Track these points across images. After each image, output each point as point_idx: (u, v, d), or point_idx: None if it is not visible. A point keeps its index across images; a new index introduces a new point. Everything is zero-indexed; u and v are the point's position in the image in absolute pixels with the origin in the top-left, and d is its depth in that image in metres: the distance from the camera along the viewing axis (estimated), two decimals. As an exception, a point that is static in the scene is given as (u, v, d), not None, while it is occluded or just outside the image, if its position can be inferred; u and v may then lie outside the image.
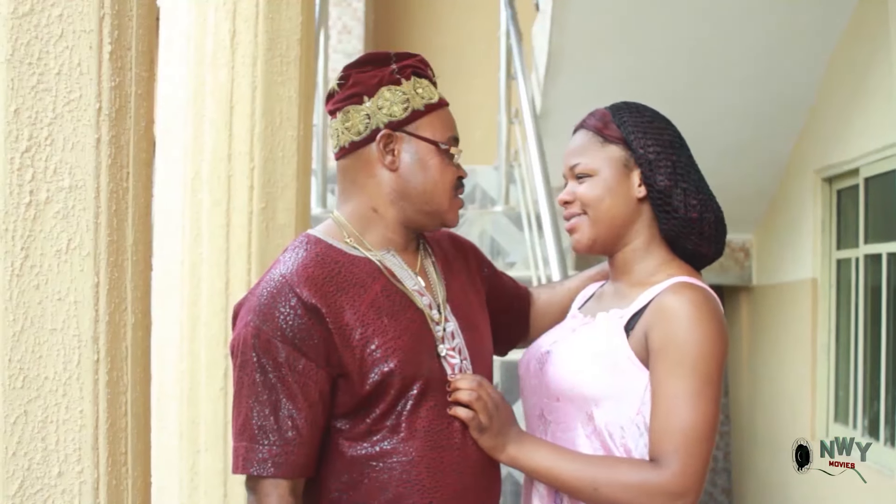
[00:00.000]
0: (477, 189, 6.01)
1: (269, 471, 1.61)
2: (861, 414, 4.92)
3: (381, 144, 1.73)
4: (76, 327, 1.33)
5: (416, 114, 1.75)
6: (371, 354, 1.65)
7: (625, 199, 1.84)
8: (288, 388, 1.62)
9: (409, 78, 1.76)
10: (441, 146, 1.75)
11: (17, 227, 1.29)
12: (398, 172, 1.74)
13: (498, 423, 1.73)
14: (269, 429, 1.62)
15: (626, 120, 1.86)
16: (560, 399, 1.80)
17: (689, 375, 1.68)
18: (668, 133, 1.87)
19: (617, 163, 1.84)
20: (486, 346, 1.87)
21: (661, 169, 1.82)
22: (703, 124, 5.17)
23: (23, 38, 1.29)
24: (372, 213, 1.76)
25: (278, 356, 1.62)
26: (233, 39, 2.61)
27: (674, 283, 1.77)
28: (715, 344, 1.71)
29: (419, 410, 1.68)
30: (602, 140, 1.86)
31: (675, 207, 1.82)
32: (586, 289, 2.05)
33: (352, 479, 1.68)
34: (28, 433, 1.30)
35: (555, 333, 1.92)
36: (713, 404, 1.69)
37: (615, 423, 1.75)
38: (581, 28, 4.95)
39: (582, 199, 1.85)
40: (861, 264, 4.92)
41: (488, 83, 6.52)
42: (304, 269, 1.67)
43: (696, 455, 1.66)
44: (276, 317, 1.63)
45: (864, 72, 4.67)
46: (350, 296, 1.67)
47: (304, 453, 1.64)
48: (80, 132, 1.33)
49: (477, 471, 1.73)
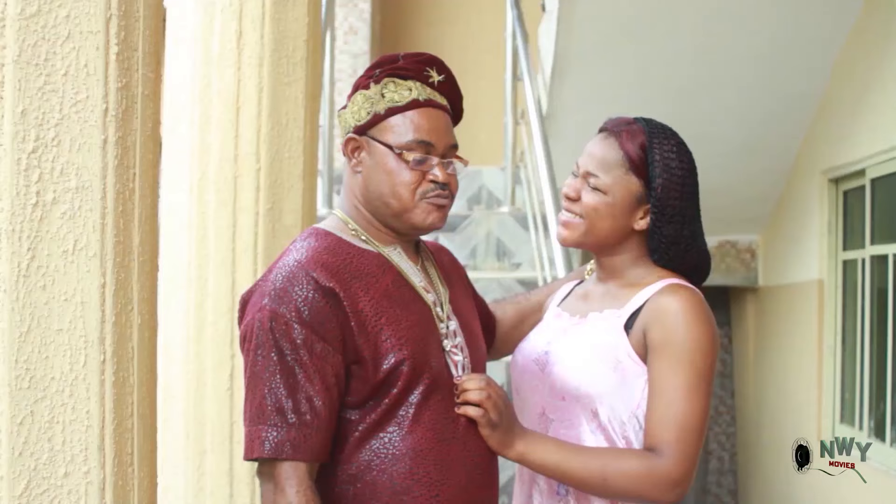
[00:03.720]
0: (483, 190, 6.01)
1: (287, 453, 1.60)
2: (867, 415, 4.91)
3: (347, 148, 1.79)
4: (83, 328, 1.33)
5: (376, 117, 1.76)
6: (385, 342, 1.66)
7: (624, 226, 1.89)
8: (306, 371, 1.62)
9: (379, 81, 1.76)
10: (395, 151, 1.74)
11: (23, 228, 1.29)
12: (362, 175, 1.77)
13: (507, 421, 1.76)
14: (287, 411, 1.61)
15: (658, 160, 1.86)
16: (566, 398, 1.85)
17: (687, 370, 1.77)
18: (692, 182, 1.89)
19: (632, 195, 1.87)
20: (482, 350, 1.91)
21: (674, 219, 1.87)
22: (710, 125, 5.16)
23: (30, 40, 1.29)
24: (356, 211, 1.80)
25: (296, 338, 1.62)
26: (239, 40, 2.61)
27: (669, 284, 1.85)
28: (709, 342, 1.80)
29: (427, 403, 1.70)
30: (628, 168, 1.87)
31: (672, 253, 1.89)
32: (563, 286, 2.10)
33: (359, 471, 1.68)
34: (34, 433, 1.30)
35: (546, 334, 1.96)
36: (707, 398, 1.79)
37: (617, 417, 1.81)
38: (587, 29, 4.95)
39: (585, 207, 1.89)
40: (867, 265, 4.91)
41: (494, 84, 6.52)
42: (318, 256, 1.69)
43: (692, 444, 1.75)
44: (294, 299, 1.63)
45: (870, 72, 4.66)
46: (364, 283, 1.69)
47: (321, 437, 1.63)
48: (86, 133, 1.33)
49: (480, 465, 1.75)
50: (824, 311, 5.36)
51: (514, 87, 5.68)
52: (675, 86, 5.15)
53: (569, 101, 5.37)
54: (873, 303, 4.90)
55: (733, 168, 5.54)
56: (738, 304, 6.90)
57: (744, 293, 6.78)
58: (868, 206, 4.88)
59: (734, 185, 5.72)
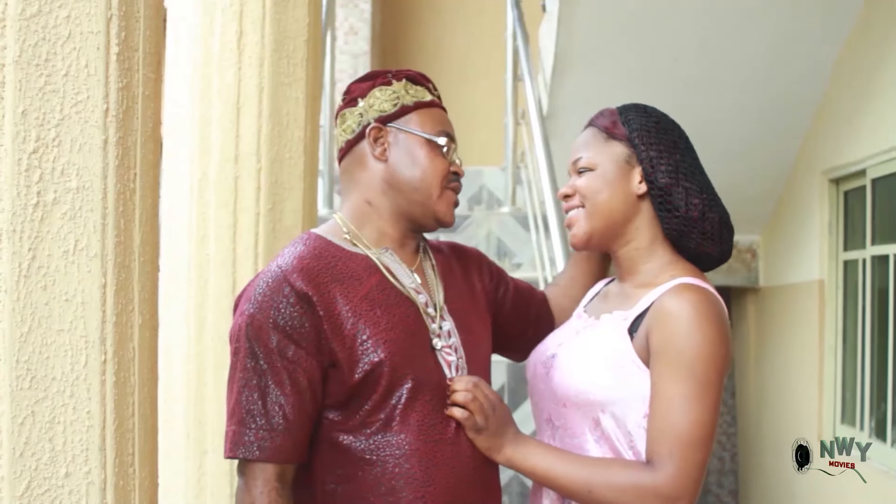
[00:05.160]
0: (484, 190, 6.01)
1: (254, 454, 1.64)
2: (868, 415, 4.90)
3: (370, 136, 1.80)
4: (83, 328, 1.33)
5: (404, 109, 1.82)
6: (361, 345, 1.68)
7: (623, 194, 1.84)
8: (277, 375, 1.65)
9: (400, 80, 1.84)
10: (429, 137, 1.80)
11: (24, 229, 1.29)
12: (388, 163, 1.80)
13: (495, 424, 1.74)
14: (257, 413, 1.65)
15: (632, 119, 1.88)
16: (567, 405, 1.79)
17: (687, 379, 1.66)
18: (673, 133, 1.88)
19: (618, 158, 1.85)
20: (483, 351, 1.88)
21: (663, 167, 1.83)
22: (710, 125, 5.16)
23: (30, 40, 1.29)
24: (366, 206, 1.81)
25: (269, 343, 1.65)
26: (240, 41, 2.62)
27: (676, 285, 1.75)
28: (715, 347, 1.68)
29: (413, 404, 1.70)
30: (606, 136, 1.88)
31: (675, 206, 1.82)
32: (595, 286, 2.06)
33: (346, 473, 1.69)
34: (35, 434, 1.30)
35: (560, 335, 1.92)
36: (711, 409, 1.67)
37: (623, 427, 1.73)
38: (588, 29, 4.95)
39: (580, 192, 1.87)
40: (868, 265, 4.91)
41: (495, 84, 6.52)
42: (299, 261, 1.71)
43: (690, 459, 1.65)
44: (270, 305, 1.66)
45: (871, 72, 4.66)
46: (345, 287, 1.70)
47: (290, 439, 1.66)
48: (87, 133, 1.33)
49: (471, 466, 1.74)
50: (825, 311, 5.36)
51: (514, 88, 5.69)
52: (676, 86, 5.15)
53: (569, 102, 5.37)
54: (874, 303, 4.90)
55: (734, 168, 5.54)
56: (739, 304, 6.90)
57: (744, 293, 6.78)
58: (869, 207, 4.88)
59: (735, 185, 5.69)
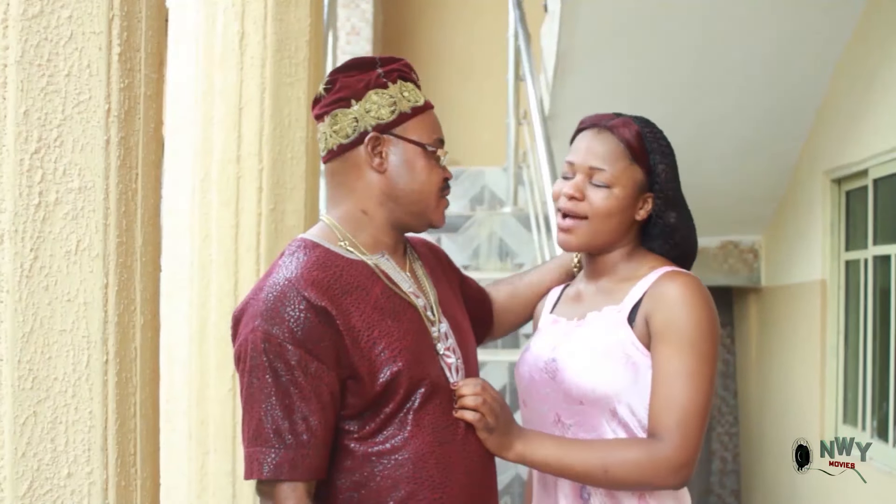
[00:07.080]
0: (485, 190, 6.01)
1: (285, 474, 1.61)
2: (870, 415, 4.90)
3: (369, 147, 1.75)
4: (85, 328, 1.33)
5: (402, 116, 1.77)
6: (379, 356, 1.66)
7: (629, 218, 1.91)
8: (301, 391, 1.62)
9: (395, 81, 1.78)
10: (428, 148, 1.78)
11: (26, 229, 1.29)
12: (386, 174, 1.76)
13: (503, 423, 1.76)
14: (284, 432, 1.62)
15: (655, 147, 1.90)
16: (583, 402, 1.84)
17: (690, 355, 1.77)
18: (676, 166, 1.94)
19: (638, 184, 1.89)
20: (473, 349, 1.91)
21: (676, 207, 1.92)
22: (712, 126, 5.16)
23: (32, 40, 1.29)
24: (362, 216, 1.78)
25: (290, 359, 1.62)
26: (241, 41, 2.62)
27: (667, 272, 1.86)
28: (711, 324, 1.80)
29: (426, 408, 1.70)
30: (631, 159, 1.88)
31: (677, 238, 1.94)
32: (550, 293, 2.08)
33: (363, 478, 1.68)
34: (37, 434, 1.30)
35: (548, 341, 1.94)
36: (710, 382, 1.79)
37: (636, 412, 1.81)
38: (590, 29, 4.94)
39: (592, 204, 1.88)
40: (870, 265, 4.91)
41: (497, 85, 6.52)
42: (308, 273, 1.67)
43: (695, 428, 1.75)
44: (286, 320, 1.63)
45: (872, 72, 4.66)
46: (354, 298, 1.68)
47: (319, 455, 1.64)
48: (89, 133, 1.33)
49: (480, 466, 1.76)
50: (827, 311, 5.35)
51: (516, 88, 5.69)
52: (678, 86, 5.15)
53: (571, 102, 5.37)
54: (876, 303, 4.90)
55: (736, 168, 5.54)
56: (741, 304, 6.90)
57: (746, 293, 6.78)
58: (871, 207, 4.88)
59: (737, 185, 5.72)
